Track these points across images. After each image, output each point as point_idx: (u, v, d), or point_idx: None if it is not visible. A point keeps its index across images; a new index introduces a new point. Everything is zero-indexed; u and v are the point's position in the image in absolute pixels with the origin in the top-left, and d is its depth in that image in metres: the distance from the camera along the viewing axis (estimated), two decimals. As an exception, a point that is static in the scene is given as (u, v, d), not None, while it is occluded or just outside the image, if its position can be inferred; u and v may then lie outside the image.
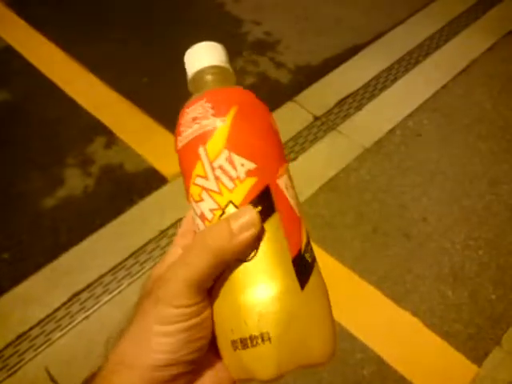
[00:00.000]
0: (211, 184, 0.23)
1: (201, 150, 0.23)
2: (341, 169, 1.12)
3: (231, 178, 0.23)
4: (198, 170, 0.24)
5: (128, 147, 1.15)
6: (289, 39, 1.46)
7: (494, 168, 1.14)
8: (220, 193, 0.23)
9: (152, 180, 1.08)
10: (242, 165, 0.23)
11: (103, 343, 0.78)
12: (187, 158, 0.24)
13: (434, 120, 1.24)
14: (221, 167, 0.23)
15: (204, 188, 0.23)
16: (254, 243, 0.22)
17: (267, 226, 0.23)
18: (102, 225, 1.00)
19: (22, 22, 1.44)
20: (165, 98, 1.26)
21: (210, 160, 0.23)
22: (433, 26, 1.49)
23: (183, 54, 0.27)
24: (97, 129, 1.19)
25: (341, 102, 1.27)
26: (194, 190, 0.24)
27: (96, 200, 1.06)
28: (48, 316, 0.88)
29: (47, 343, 0.84)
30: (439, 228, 1.02)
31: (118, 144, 1.16)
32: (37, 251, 0.97)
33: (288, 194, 0.24)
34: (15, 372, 0.81)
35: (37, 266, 0.94)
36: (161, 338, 0.21)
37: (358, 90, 1.30)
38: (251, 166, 0.23)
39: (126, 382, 0.21)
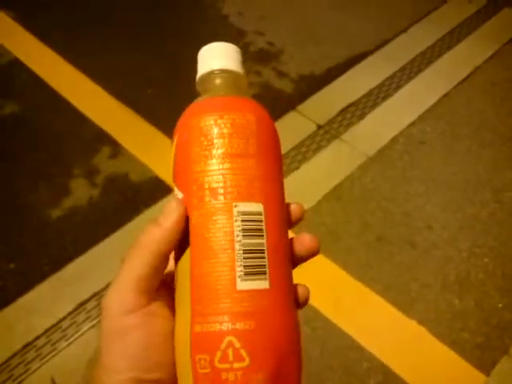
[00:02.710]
0: None
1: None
2: (344, 177, 1.12)
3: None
4: None
5: (133, 157, 1.16)
6: (292, 49, 1.47)
7: (498, 176, 1.14)
8: None
9: (157, 189, 1.09)
10: (177, 194, 0.23)
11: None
12: None
13: (437, 128, 1.24)
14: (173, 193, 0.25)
15: None
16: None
17: (181, 260, 0.22)
18: (107, 234, 1.01)
19: (28, 35, 1.46)
20: (169, 108, 1.26)
21: (172, 180, 0.25)
22: (435, 34, 1.50)
23: (187, 66, 0.27)
24: (102, 139, 1.20)
25: (344, 111, 1.28)
26: None
27: (102, 210, 1.07)
28: (54, 325, 0.88)
29: (53, 353, 0.84)
30: (444, 236, 1.02)
31: (123, 154, 1.17)
32: (43, 261, 0.98)
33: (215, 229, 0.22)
34: (21, 382, 0.81)
35: (43, 276, 0.95)
36: (111, 355, 0.21)
37: (360, 98, 1.31)
38: (180, 195, 0.23)
39: None
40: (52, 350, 0.85)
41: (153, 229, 0.22)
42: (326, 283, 0.93)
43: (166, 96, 1.30)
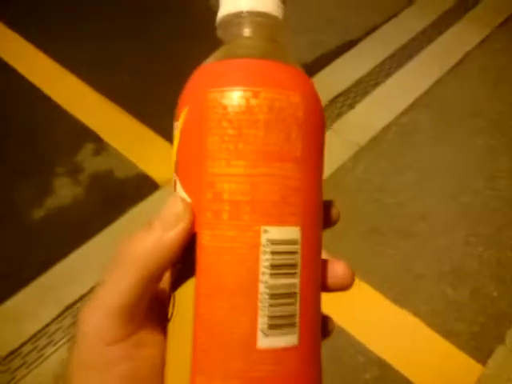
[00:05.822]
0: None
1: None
2: (336, 168, 1.10)
3: None
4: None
5: (118, 153, 1.13)
6: (279, 37, 1.44)
7: (491, 162, 1.13)
8: None
9: (143, 186, 1.06)
10: (179, 192, 0.18)
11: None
12: None
13: (429, 115, 1.22)
14: (171, 187, 0.19)
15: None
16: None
17: (182, 290, 0.17)
18: (93, 234, 0.98)
19: None
20: (149, 97, 1.23)
21: (172, 171, 0.19)
22: (425, 19, 1.47)
23: (166, 51, 0.21)
24: (84, 134, 1.16)
25: (333, 101, 1.25)
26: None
27: (87, 209, 1.04)
28: (40, 331, 0.85)
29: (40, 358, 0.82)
30: (438, 225, 1.01)
31: (107, 150, 1.14)
32: (27, 263, 0.95)
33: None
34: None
35: (28, 279, 0.92)
36: None
37: (350, 87, 1.28)
38: (185, 196, 0.17)
39: None
40: (39, 357, 0.82)
41: (144, 239, 0.17)
42: (319, 277, 0.91)
43: (144, 84, 1.26)
